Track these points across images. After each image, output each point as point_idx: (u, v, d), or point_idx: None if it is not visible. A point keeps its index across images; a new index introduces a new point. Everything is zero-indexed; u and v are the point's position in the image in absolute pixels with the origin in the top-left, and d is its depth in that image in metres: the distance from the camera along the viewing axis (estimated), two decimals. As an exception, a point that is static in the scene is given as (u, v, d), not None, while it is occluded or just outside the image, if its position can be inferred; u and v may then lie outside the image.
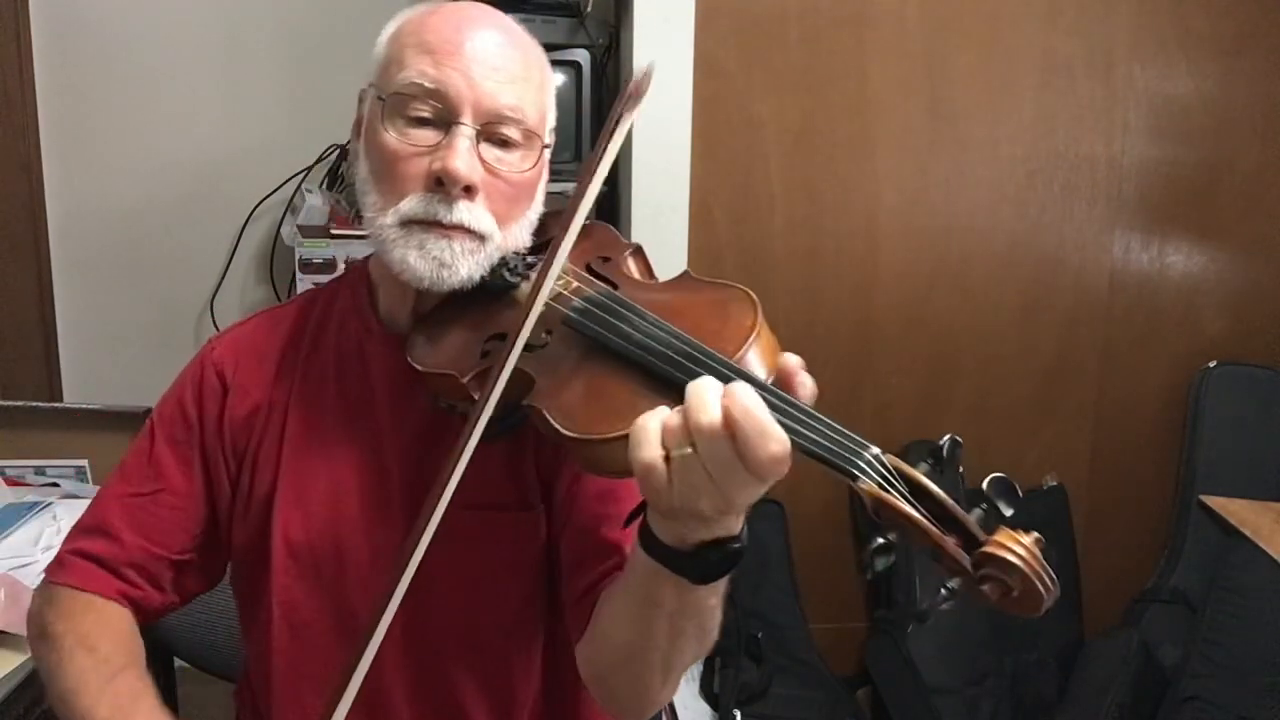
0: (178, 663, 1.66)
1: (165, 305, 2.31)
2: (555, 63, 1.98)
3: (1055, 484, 2.21)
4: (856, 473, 0.63)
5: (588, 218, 0.93)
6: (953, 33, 2.05)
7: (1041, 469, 2.21)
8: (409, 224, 0.88)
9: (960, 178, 2.11)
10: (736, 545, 0.71)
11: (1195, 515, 2.18)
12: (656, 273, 0.96)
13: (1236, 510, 2.09)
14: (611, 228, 0.99)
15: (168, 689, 1.75)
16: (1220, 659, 1.92)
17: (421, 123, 0.88)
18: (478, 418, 0.77)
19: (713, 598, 0.76)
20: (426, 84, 0.87)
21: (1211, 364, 2.20)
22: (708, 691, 2.03)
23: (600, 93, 2.08)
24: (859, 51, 2.04)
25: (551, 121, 0.97)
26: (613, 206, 2.14)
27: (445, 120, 0.88)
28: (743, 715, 1.92)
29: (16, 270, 2.26)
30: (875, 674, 2.08)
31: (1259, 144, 2.17)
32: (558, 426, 0.75)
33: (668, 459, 0.64)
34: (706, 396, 0.62)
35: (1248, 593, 1.96)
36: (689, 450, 0.62)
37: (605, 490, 0.91)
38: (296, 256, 2.09)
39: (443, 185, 0.87)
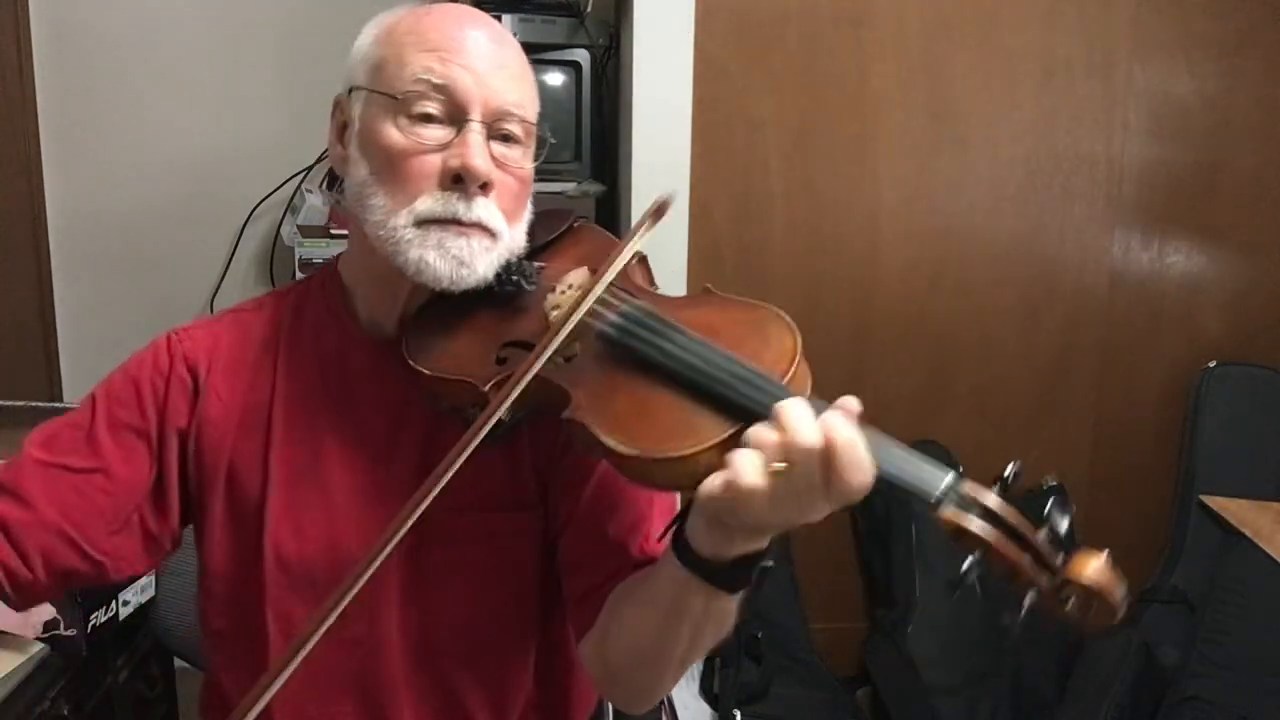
0: (178, 663, 1.66)
1: (165, 305, 2.31)
2: (555, 63, 2.01)
3: (1055, 484, 2.21)
4: (935, 500, 0.67)
5: (578, 219, 0.94)
6: (953, 33, 2.05)
7: (1041, 469, 2.21)
8: (425, 224, 0.87)
9: (960, 178, 2.11)
10: (766, 560, 0.75)
11: (1195, 515, 2.18)
12: (655, 272, 0.96)
13: (1236, 510, 2.09)
14: (599, 229, 0.98)
15: (168, 689, 1.75)
16: (1220, 659, 1.92)
17: (428, 120, 0.87)
18: (483, 424, 0.78)
19: (734, 602, 0.79)
20: (434, 80, 0.86)
21: (1211, 364, 2.20)
22: (708, 691, 2.03)
23: (600, 93, 2.08)
24: (859, 51, 2.04)
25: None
26: (612, 207, 2.14)
27: (454, 118, 0.87)
28: (743, 715, 1.92)
29: (16, 270, 2.26)
30: (875, 674, 2.08)
31: (1259, 144, 2.16)
32: (612, 444, 0.75)
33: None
34: (806, 419, 0.66)
35: (1248, 593, 1.96)
36: (781, 467, 0.66)
37: (608, 492, 0.92)
38: (296, 256, 2.09)
39: (460, 182, 0.86)
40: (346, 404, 0.96)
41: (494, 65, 0.88)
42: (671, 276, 1.94)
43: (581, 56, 2.01)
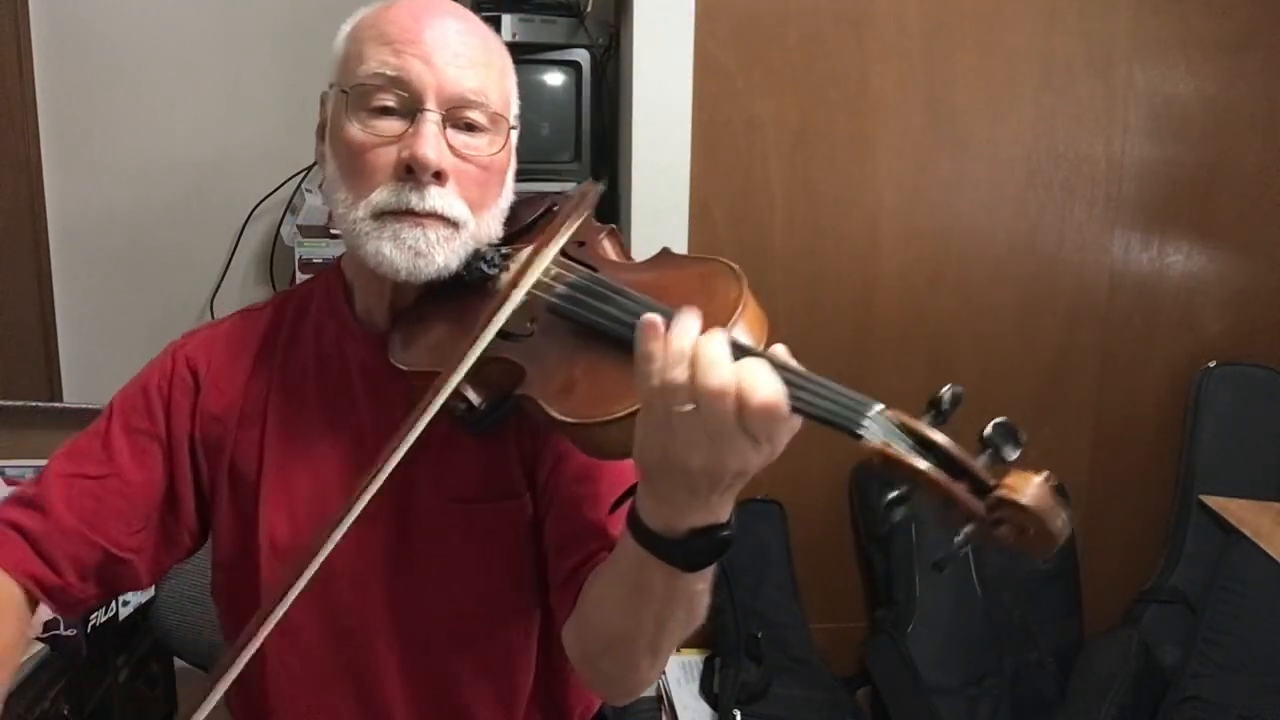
0: (178, 663, 1.66)
1: (165, 305, 2.31)
2: (555, 63, 2.01)
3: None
4: (859, 431, 0.64)
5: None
6: (953, 33, 2.05)
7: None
8: (381, 215, 0.88)
9: (960, 178, 2.11)
10: (725, 534, 0.71)
11: (1195, 515, 2.18)
12: None
13: (1236, 510, 2.09)
14: None
15: (168, 689, 1.75)
16: (1220, 659, 1.92)
17: (386, 113, 0.88)
18: (431, 400, 0.76)
19: (700, 583, 0.76)
20: (388, 73, 0.87)
21: (1211, 364, 2.20)
22: (708, 691, 2.03)
23: (600, 93, 2.08)
24: (859, 51, 2.04)
25: (515, 109, 0.96)
26: (612, 207, 2.14)
27: (410, 108, 0.88)
28: (743, 715, 1.92)
29: (16, 270, 2.26)
30: (875, 674, 2.08)
31: (1259, 144, 2.17)
32: (554, 414, 0.75)
33: (669, 412, 0.64)
34: (714, 361, 0.63)
35: (1248, 592, 1.96)
36: (689, 408, 0.63)
37: (587, 472, 0.91)
38: (296, 256, 2.09)
39: (413, 173, 0.87)
40: (342, 395, 0.98)
41: (450, 54, 0.88)
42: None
43: (581, 56, 2.01)
